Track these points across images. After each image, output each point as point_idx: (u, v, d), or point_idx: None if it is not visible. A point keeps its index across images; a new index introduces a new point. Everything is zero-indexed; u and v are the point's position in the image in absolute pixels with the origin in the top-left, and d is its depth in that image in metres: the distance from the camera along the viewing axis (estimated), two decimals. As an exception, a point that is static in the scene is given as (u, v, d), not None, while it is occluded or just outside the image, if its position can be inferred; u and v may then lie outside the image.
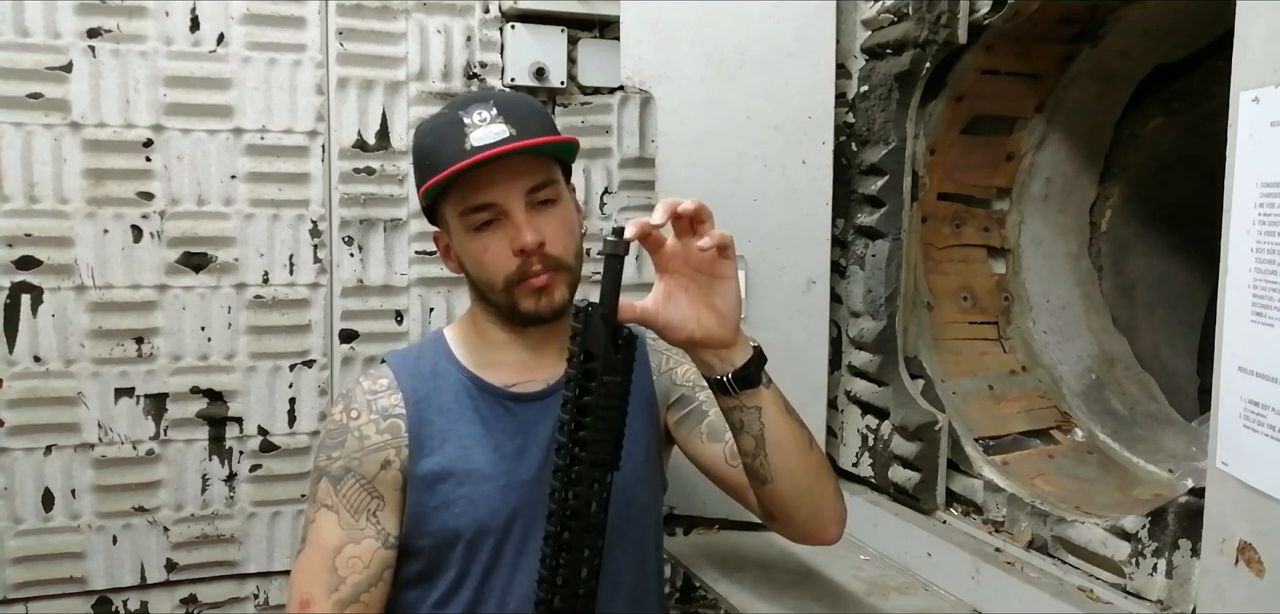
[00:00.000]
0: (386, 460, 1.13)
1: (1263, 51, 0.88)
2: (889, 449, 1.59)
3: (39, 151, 1.43)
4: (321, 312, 1.60)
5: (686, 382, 1.29)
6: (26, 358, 1.46)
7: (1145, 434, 1.55)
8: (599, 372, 0.95)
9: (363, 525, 1.12)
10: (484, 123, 1.10)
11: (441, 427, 1.15)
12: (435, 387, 1.18)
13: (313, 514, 1.14)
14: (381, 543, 1.12)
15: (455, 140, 1.10)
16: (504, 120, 1.10)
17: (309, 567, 1.11)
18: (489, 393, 1.18)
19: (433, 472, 1.13)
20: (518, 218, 1.11)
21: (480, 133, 1.09)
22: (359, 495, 1.12)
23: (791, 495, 1.12)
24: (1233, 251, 0.92)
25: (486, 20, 1.64)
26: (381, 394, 1.17)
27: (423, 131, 1.18)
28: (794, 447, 1.09)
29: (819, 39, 1.61)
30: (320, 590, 1.10)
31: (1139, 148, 1.67)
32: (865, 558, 1.56)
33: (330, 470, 1.13)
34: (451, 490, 1.13)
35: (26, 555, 1.48)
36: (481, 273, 1.15)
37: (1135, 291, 1.78)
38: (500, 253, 1.12)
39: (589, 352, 0.95)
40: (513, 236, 1.11)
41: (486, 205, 1.11)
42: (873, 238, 1.62)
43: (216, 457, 1.56)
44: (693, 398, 1.27)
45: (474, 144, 1.09)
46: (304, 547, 1.14)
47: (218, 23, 1.50)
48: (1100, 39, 1.51)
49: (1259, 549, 0.89)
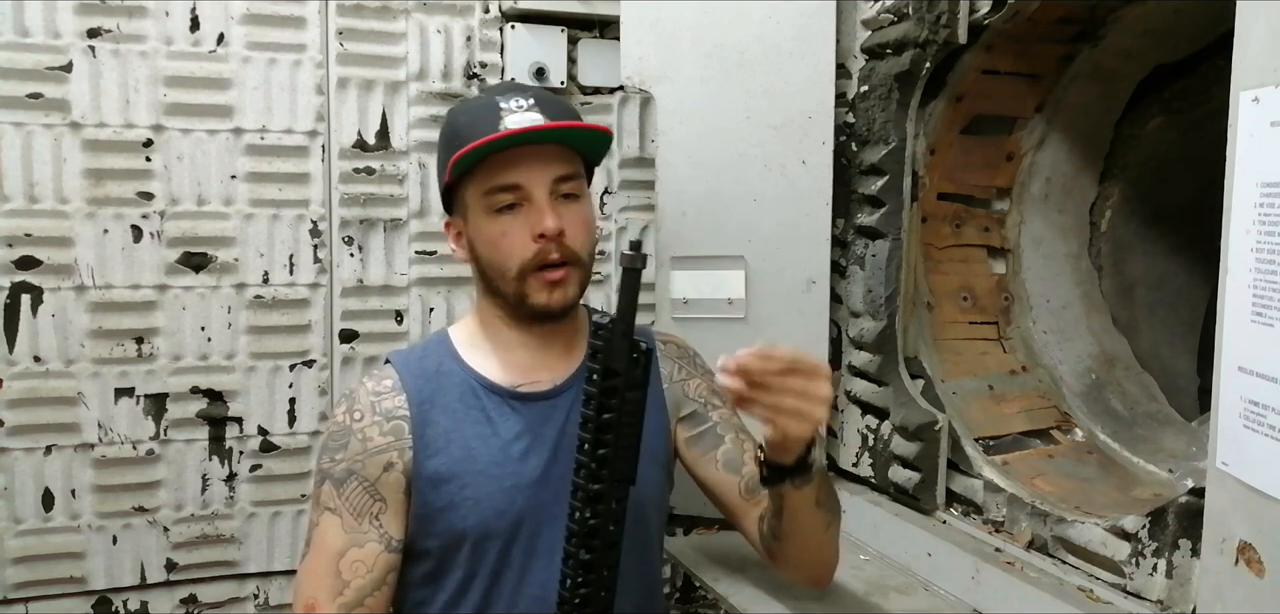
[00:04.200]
0: (389, 462, 1.13)
1: (1263, 51, 0.88)
2: (889, 449, 1.59)
3: (39, 151, 1.43)
4: (321, 311, 1.60)
5: (698, 397, 1.29)
6: (26, 358, 1.46)
7: (1145, 434, 1.55)
8: (621, 388, 0.94)
9: (366, 528, 1.12)
10: (520, 110, 1.12)
11: (446, 427, 1.15)
12: (440, 387, 1.17)
13: (316, 517, 1.14)
14: (385, 546, 1.12)
15: (489, 122, 1.11)
16: (539, 110, 1.12)
17: (313, 570, 1.11)
18: (495, 392, 1.17)
19: (438, 473, 1.13)
20: (541, 202, 1.11)
21: (515, 117, 1.11)
22: (362, 498, 1.12)
23: (795, 558, 1.19)
24: (1233, 251, 0.92)
25: (486, 20, 1.64)
26: (385, 395, 1.16)
27: (457, 111, 1.20)
28: (815, 530, 1.14)
29: (819, 39, 1.61)
30: (324, 595, 1.10)
31: (1139, 148, 1.67)
32: (865, 558, 1.56)
33: (333, 473, 1.13)
34: (457, 491, 1.13)
35: (26, 555, 1.48)
36: (496, 257, 1.14)
37: (1135, 292, 1.78)
38: (519, 237, 1.12)
39: (611, 368, 0.94)
40: (534, 222, 1.11)
41: (513, 186, 1.11)
42: (873, 238, 1.62)
43: (216, 457, 1.56)
44: (706, 418, 1.27)
45: (508, 125, 1.10)
46: (308, 550, 1.14)
47: (218, 23, 1.50)
48: (1100, 39, 1.51)
49: (1259, 549, 0.89)
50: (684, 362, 1.32)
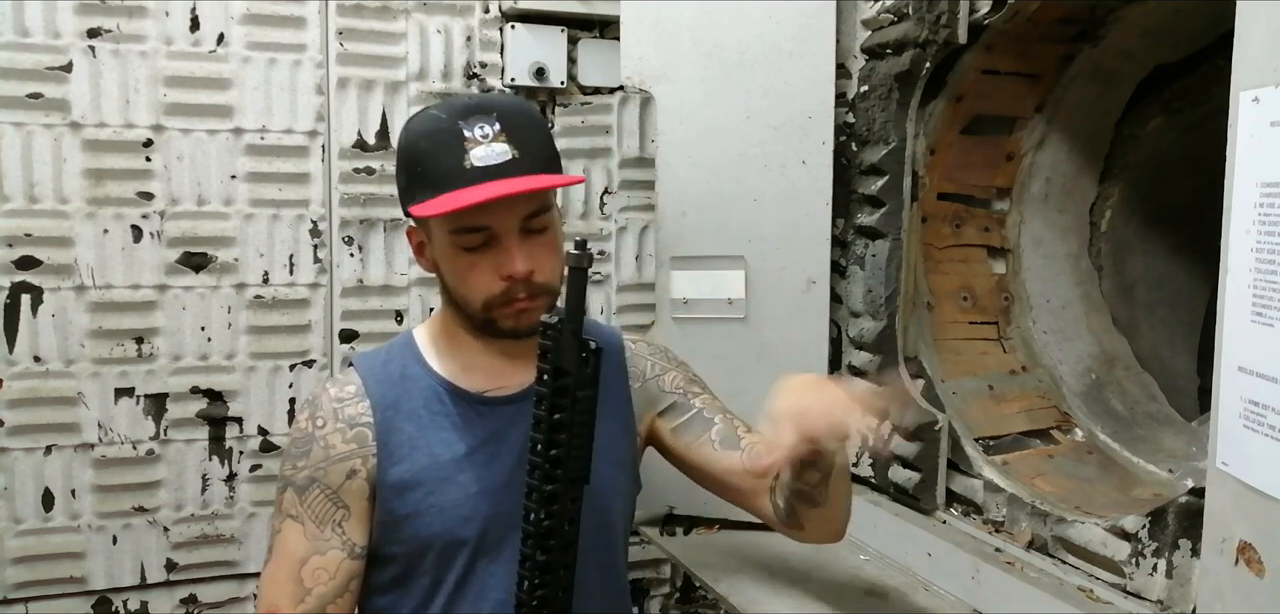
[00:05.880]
0: (352, 470, 1.11)
1: (1263, 51, 0.88)
2: (889, 449, 1.59)
3: (39, 151, 1.43)
4: (321, 311, 1.60)
5: (676, 388, 1.28)
6: (26, 358, 1.46)
7: (1145, 434, 1.55)
8: (572, 388, 0.94)
9: (328, 536, 1.10)
10: (485, 139, 1.05)
11: (411, 434, 1.13)
12: (405, 391, 1.15)
13: (278, 524, 1.12)
14: (347, 554, 1.11)
15: (454, 154, 1.05)
16: (506, 139, 1.06)
17: (275, 578, 1.10)
18: (461, 398, 1.16)
19: (403, 480, 1.11)
20: (510, 245, 1.08)
21: (482, 151, 1.05)
22: (324, 506, 1.11)
23: (825, 520, 1.18)
24: (1233, 251, 0.92)
25: (486, 20, 1.64)
26: (348, 402, 1.14)
27: (416, 134, 1.11)
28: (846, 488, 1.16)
29: (819, 39, 1.61)
30: (286, 601, 1.09)
31: (1139, 148, 1.67)
32: (865, 558, 1.56)
33: (295, 480, 1.11)
34: (423, 499, 1.11)
35: (26, 555, 1.48)
36: (462, 288, 1.12)
37: (1135, 292, 1.78)
38: (486, 275, 1.09)
39: (560, 367, 0.94)
40: (502, 262, 1.08)
41: (480, 228, 1.08)
42: (873, 238, 1.62)
43: (216, 457, 1.56)
44: (688, 405, 1.26)
45: (475, 163, 1.04)
46: (270, 557, 1.12)
47: (218, 23, 1.50)
48: (1100, 39, 1.51)
49: (1259, 549, 0.89)
50: (656, 359, 1.30)
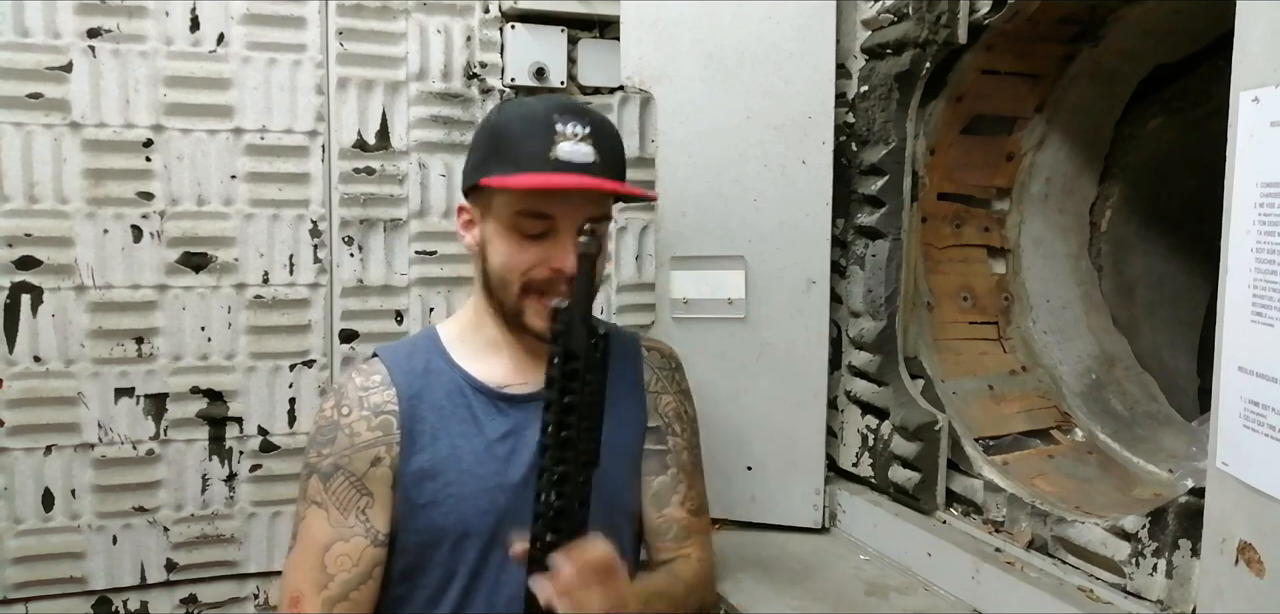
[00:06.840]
0: (377, 457, 1.13)
1: (1263, 51, 0.88)
2: (889, 449, 1.59)
3: (39, 151, 1.43)
4: (321, 311, 1.60)
5: (666, 414, 1.30)
6: (26, 358, 1.45)
7: (1145, 434, 1.55)
8: (582, 371, 0.95)
9: (352, 523, 1.12)
10: (574, 137, 1.10)
11: (433, 424, 1.15)
12: (428, 384, 1.18)
13: (303, 511, 1.14)
14: (371, 540, 1.13)
15: (541, 141, 1.09)
16: (592, 142, 1.11)
17: (298, 564, 1.12)
18: (482, 392, 1.18)
19: (423, 468, 1.13)
20: (566, 242, 1.11)
21: (568, 147, 1.09)
22: (348, 493, 1.13)
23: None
24: (1233, 251, 0.92)
25: (486, 20, 1.64)
26: (374, 390, 1.16)
27: (510, 114, 1.17)
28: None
29: (819, 39, 1.61)
30: (309, 588, 1.10)
31: (1139, 147, 1.67)
32: (865, 558, 1.56)
33: (320, 467, 1.13)
34: (440, 489, 1.13)
35: (26, 555, 1.48)
36: (503, 268, 1.14)
37: (1135, 292, 1.78)
38: (535, 260, 1.12)
39: (571, 351, 0.95)
40: (555, 255, 1.11)
41: (547, 216, 1.11)
42: (873, 238, 1.62)
43: (216, 457, 1.56)
44: (662, 441, 1.29)
45: (560, 155, 1.09)
46: (294, 543, 1.14)
47: (218, 23, 1.50)
48: (1100, 39, 1.51)
49: (1259, 549, 0.89)
50: (663, 374, 1.33)
